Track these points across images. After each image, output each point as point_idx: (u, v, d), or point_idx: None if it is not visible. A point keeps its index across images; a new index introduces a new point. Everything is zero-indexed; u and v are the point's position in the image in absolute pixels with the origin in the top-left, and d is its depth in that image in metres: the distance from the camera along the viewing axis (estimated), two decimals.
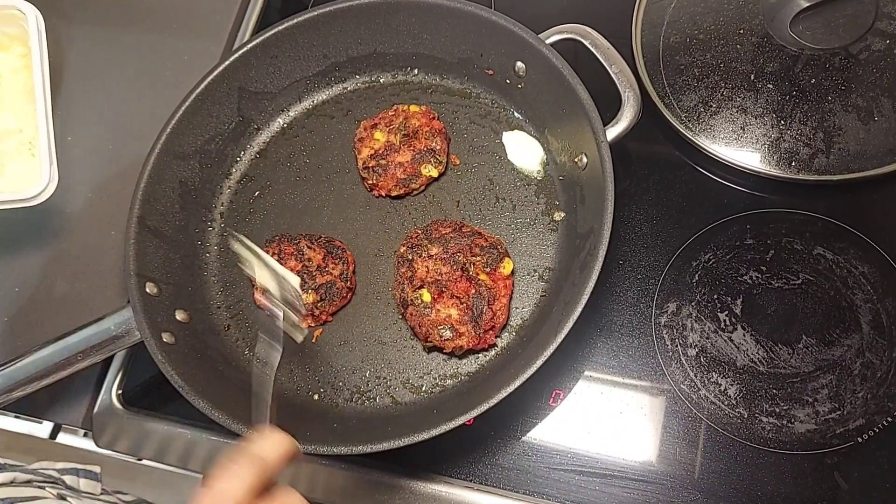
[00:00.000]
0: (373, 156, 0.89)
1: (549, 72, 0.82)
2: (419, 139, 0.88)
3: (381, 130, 0.90)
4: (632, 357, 0.80)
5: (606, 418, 0.78)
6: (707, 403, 0.77)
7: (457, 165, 0.90)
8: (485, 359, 0.80)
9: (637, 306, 0.82)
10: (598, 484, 0.76)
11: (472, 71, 0.92)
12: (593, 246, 0.73)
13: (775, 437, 0.74)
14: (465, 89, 0.93)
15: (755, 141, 0.84)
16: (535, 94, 0.87)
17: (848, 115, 0.83)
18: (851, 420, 0.74)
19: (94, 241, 0.95)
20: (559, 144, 0.85)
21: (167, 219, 0.87)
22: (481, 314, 0.78)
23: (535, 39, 0.82)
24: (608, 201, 0.74)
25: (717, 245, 0.83)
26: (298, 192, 0.92)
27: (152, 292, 0.81)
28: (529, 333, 0.79)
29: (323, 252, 0.85)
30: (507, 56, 0.86)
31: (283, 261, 0.84)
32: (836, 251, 0.80)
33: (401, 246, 0.84)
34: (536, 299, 0.82)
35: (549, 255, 0.83)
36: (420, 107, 0.91)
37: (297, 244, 0.85)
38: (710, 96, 0.87)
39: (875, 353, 0.76)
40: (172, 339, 0.79)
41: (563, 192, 0.85)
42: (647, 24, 0.92)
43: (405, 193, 0.89)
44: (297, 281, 0.74)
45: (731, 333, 0.79)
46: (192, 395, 0.74)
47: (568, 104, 0.80)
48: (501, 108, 0.91)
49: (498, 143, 0.89)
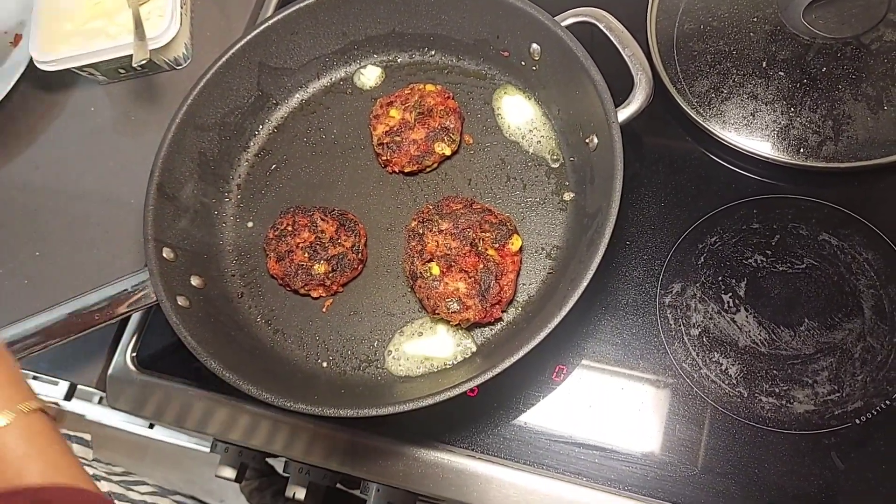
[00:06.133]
0: (388, 132, 0.90)
1: (564, 54, 0.83)
2: (433, 117, 0.89)
3: (397, 108, 0.91)
4: (635, 335, 0.81)
5: (608, 394, 0.80)
6: (708, 382, 0.78)
7: (470, 145, 0.91)
8: (490, 332, 0.82)
9: (642, 286, 0.83)
10: (598, 457, 0.77)
11: (487, 52, 0.93)
12: (600, 224, 0.75)
13: (774, 416, 0.76)
14: (481, 70, 0.94)
15: (765, 127, 0.85)
16: (549, 76, 0.88)
17: (857, 104, 0.84)
18: (850, 402, 0.75)
19: (114, 211, 0.98)
20: (571, 125, 0.87)
21: (185, 187, 0.89)
22: (488, 288, 0.79)
23: (550, 21, 0.83)
24: (617, 181, 0.75)
25: (724, 228, 0.84)
26: (314, 166, 0.94)
27: (168, 257, 0.83)
28: (535, 309, 0.81)
29: (336, 224, 0.86)
30: (522, 38, 0.88)
31: (296, 232, 0.86)
32: (841, 237, 0.81)
33: (412, 220, 0.86)
34: (543, 276, 0.83)
35: (557, 233, 0.85)
36: (436, 86, 0.92)
37: (311, 216, 0.87)
38: (721, 83, 0.88)
39: (876, 337, 0.77)
40: (187, 303, 0.81)
41: (574, 173, 0.87)
42: (663, 10, 0.93)
43: (418, 170, 0.90)
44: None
45: (734, 315, 0.80)
46: (204, 357, 0.76)
47: (581, 86, 0.82)
48: (517, 89, 0.92)
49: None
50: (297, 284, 0.84)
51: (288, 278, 0.85)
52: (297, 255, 0.85)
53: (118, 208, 0.98)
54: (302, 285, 0.84)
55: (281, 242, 0.86)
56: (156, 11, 0.98)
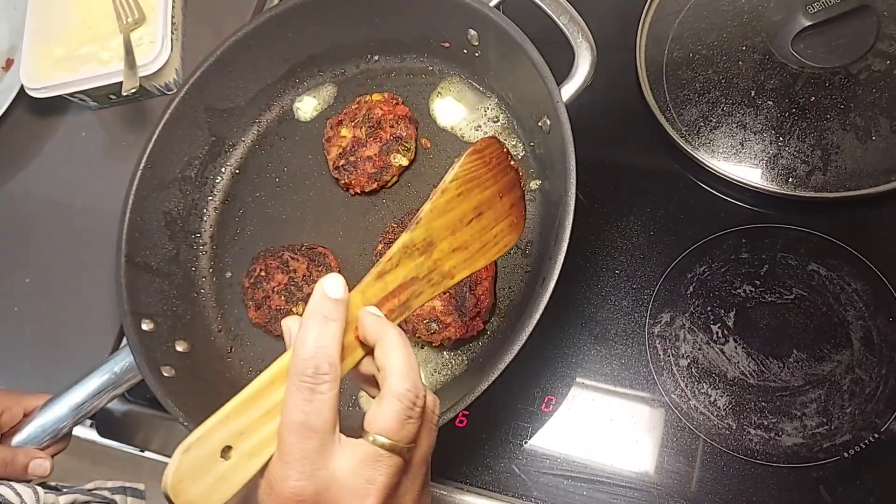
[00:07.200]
0: (342, 154, 0.88)
1: (499, 35, 0.80)
2: (384, 129, 0.87)
3: (347, 126, 0.89)
4: (624, 365, 0.81)
5: (597, 425, 0.79)
6: (697, 414, 0.78)
7: (427, 148, 0.89)
8: (477, 346, 0.80)
9: (631, 315, 0.83)
10: (587, 489, 0.77)
11: (430, 47, 0.91)
12: (562, 214, 0.71)
13: (763, 449, 0.75)
14: (428, 67, 0.93)
15: (754, 156, 0.85)
16: (492, 61, 0.86)
17: (846, 134, 0.84)
18: (838, 435, 0.75)
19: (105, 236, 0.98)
20: (524, 110, 0.84)
21: (156, 252, 0.86)
22: (464, 301, 0.77)
23: (478, 3, 0.81)
24: (570, 162, 0.71)
25: (713, 258, 0.84)
26: (280, 202, 0.92)
27: (149, 328, 0.80)
28: (517, 313, 0.78)
29: (306, 261, 0.85)
30: (457, 26, 0.85)
31: (270, 276, 0.84)
32: (829, 268, 0.81)
33: (379, 243, 0.84)
34: (521, 276, 0.81)
35: (529, 227, 0.81)
36: (382, 94, 0.90)
37: (281, 257, 0.85)
38: (710, 111, 0.88)
39: (865, 369, 0.77)
40: (172, 372, 0.78)
41: (535, 160, 0.85)
42: (652, 38, 0.93)
43: (380, 187, 0.88)
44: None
45: (723, 345, 0.80)
46: (194, 426, 0.73)
47: (523, 66, 0.78)
48: (465, 80, 0.90)
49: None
50: (279, 330, 0.83)
51: (269, 325, 0.84)
52: (273, 300, 0.84)
53: (109, 233, 0.97)
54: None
55: (257, 290, 0.85)
56: (147, 37, 0.99)
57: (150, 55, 0.96)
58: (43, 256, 0.99)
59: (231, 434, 0.47)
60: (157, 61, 0.96)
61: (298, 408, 0.46)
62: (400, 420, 0.48)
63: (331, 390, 0.47)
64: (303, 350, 0.48)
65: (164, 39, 0.97)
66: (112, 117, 1.05)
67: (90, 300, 0.94)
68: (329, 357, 0.48)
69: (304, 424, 0.46)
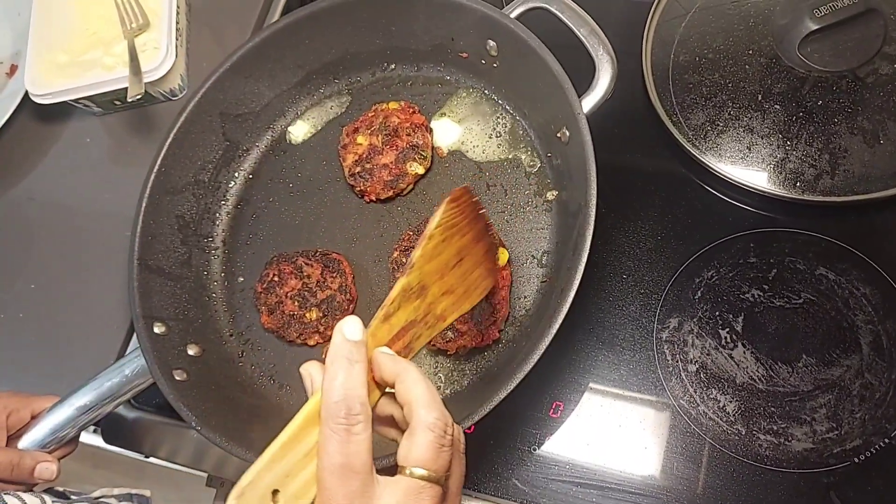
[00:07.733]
0: (357, 161, 0.88)
1: (519, 46, 0.80)
2: (401, 137, 0.87)
3: (363, 134, 0.89)
4: (632, 371, 0.81)
5: (606, 431, 0.79)
6: (706, 419, 0.78)
7: (443, 157, 0.89)
8: (491, 354, 0.80)
9: (639, 321, 0.83)
10: (596, 496, 0.77)
11: (447, 57, 0.91)
12: (582, 224, 0.71)
13: (772, 454, 0.75)
14: (444, 77, 0.92)
15: (761, 161, 0.85)
16: (511, 72, 0.85)
17: (854, 138, 0.84)
18: (849, 440, 0.74)
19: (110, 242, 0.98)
20: (542, 120, 0.84)
21: (169, 255, 0.86)
22: (481, 310, 0.77)
23: (499, 14, 0.81)
24: (591, 174, 0.71)
25: (721, 262, 0.83)
26: (294, 208, 0.92)
27: (161, 332, 0.80)
28: (533, 323, 0.78)
29: (320, 267, 0.84)
30: (476, 36, 0.85)
31: (283, 281, 0.84)
32: (838, 272, 0.81)
33: (394, 250, 0.84)
34: (537, 286, 0.81)
35: (545, 237, 0.82)
36: (399, 103, 0.90)
37: (295, 262, 0.85)
38: (717, 115, 0.88)
39: (874, 374, 0.76)
40: (185, 376, 0.78)
41: (552, 170, 0.84)
42: (658, 41, 0.93)
43: (395, 195, 0.88)
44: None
45: (731, 350, 0.80)
46: (206, 430, 0.74)
47: (542, 77, 0.78)
48: (481, 91, 0.90)
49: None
50: (293, 336, 0.83)
51: (282, 330, 0.84)
52: (287, 306, 0.84)
53: (114, 239, 0.97)
54: (297, 335, 0.83)
55: (270, 294, 0.85)
56: (151, 43, 0.98)
57: (154, 61, 0.96)
58: (48, 262, 0.99)
59: (277, 477, 0.48)
60: (162, 67, 0.96)
61: (337, 451, 0.47)
62: (435, 449, 0.49)
63: (365, 430, 0.48)
64: (333, 394, 0.48)
65: (169, 45, 0.97)
66: (116, 123, 1.05)
67: (95, 306, 0.94)
68: (359, 397, 0.48)
69: (345, 466, 0.47)
